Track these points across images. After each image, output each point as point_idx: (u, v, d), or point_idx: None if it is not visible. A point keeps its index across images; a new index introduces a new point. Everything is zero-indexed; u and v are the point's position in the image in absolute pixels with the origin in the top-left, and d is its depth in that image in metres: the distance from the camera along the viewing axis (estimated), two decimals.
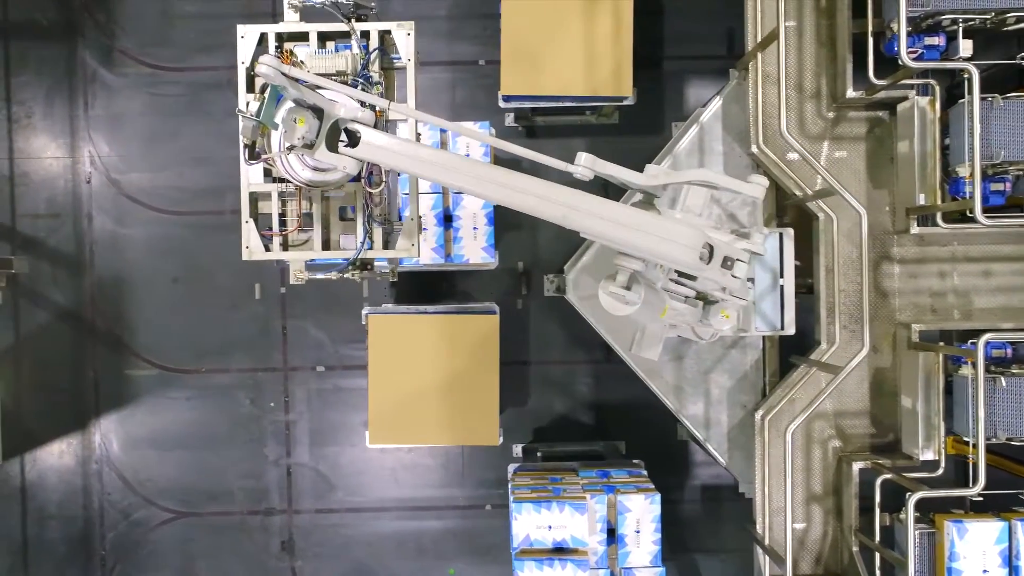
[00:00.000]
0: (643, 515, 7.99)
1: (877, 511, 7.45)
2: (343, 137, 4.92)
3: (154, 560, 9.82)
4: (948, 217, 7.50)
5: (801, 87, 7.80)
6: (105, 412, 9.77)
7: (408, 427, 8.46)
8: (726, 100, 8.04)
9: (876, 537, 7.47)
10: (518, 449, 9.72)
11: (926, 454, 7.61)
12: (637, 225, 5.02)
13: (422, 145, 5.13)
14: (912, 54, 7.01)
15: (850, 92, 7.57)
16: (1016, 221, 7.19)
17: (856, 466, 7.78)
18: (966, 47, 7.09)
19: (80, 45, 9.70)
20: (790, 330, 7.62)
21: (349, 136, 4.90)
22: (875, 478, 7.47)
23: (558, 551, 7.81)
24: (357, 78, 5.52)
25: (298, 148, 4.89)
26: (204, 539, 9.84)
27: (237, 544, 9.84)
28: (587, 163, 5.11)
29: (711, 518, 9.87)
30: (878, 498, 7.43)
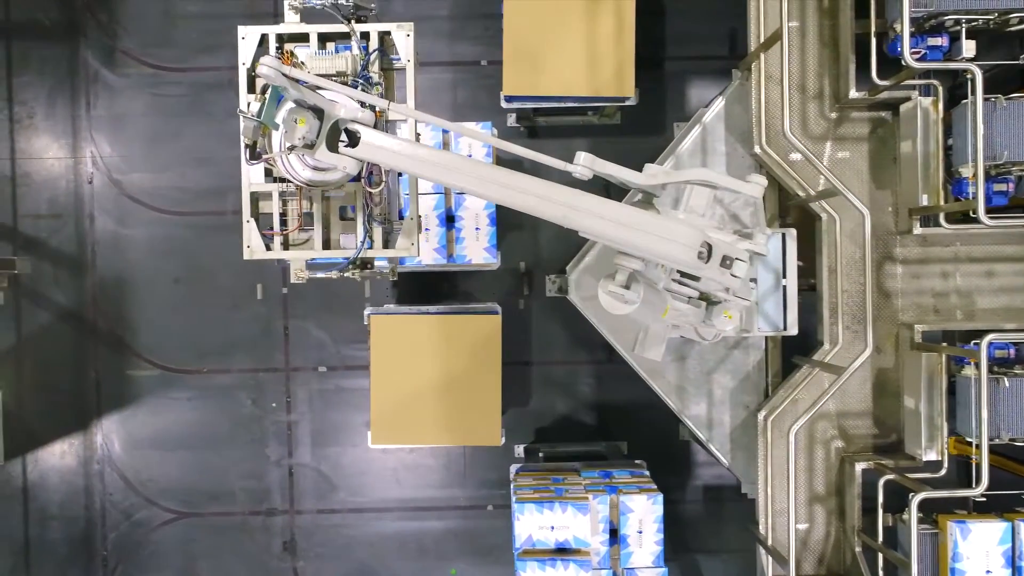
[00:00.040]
0: (645, 515, 7.99)
1: (880, 511, 7.45)
2: (343, 137, 4.95)
3: (156, 561, 9.82)
4: (951, 218, 7.49)
5: (804, 87, 7.80)
6: (107, 412, 9.77)
7: (410, 427, 8.45)
8: (729, 101, 8.04)
9: (879, 538, 7.47)
10: (520, 449, 9.72)
11: (929, 455, 7.60)
12: (635, 224, 5.03)
13: (421, 145, 5.14)
14: (915, 55, 6.99)
15: (853, 92, 7.55)
16: (1019, 222, 7.16)
17: (859, 467, 7.77)
18: (969, 48, 7.08)
19: (82, 45, 9.71)
20: (793, 331, 7.63)
21: (349, 136, 4.94)
22: (878, 479, 7.47)
23: (560, 551, 7.81)
24: (357, 79, 5.54)
25: (299, 148, 4.94)
26: (206, 539, 9.84)
27: (239, 545, 9.84)
28: (586, 162, 5.13)
29: (713, 518, 9.86)
30: (881, 498, 7.43)
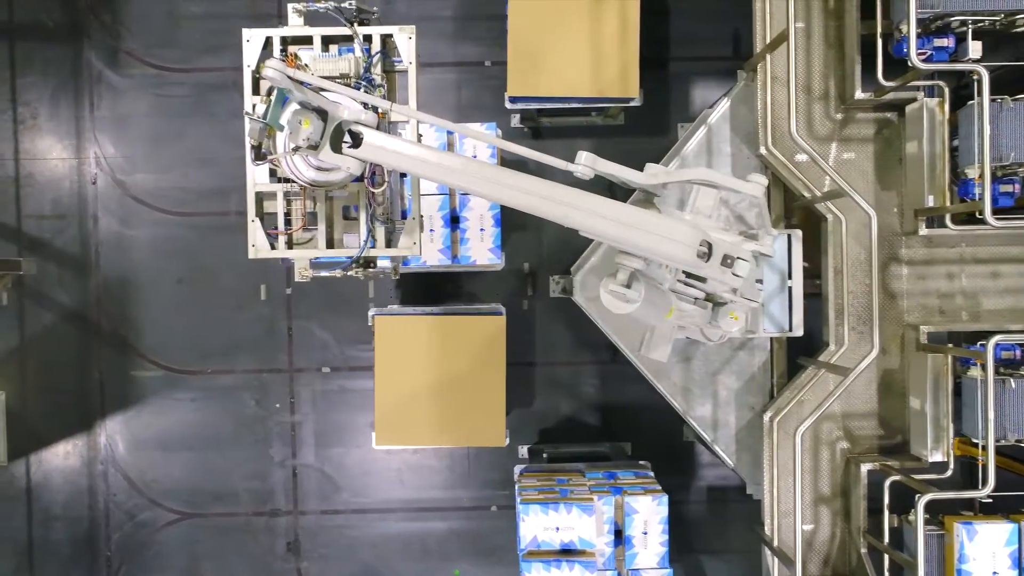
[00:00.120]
0: (650, 516, 7.98)
1: (886, 513, 7.44)
2: (347, 138, 4.99)
3: (159, 561, 9.82)
4: (956, 219, 7.46)
5: (809, 88, 7.78)
6: (110, 413, 9.78)
7: (414, 428, 8.44)
8: (734, 101, 8.02)
9: (885, 539, 7.46)
10: (524, 450, 9.72)
11: (935, 456, 7.58)
12: (635, 223, 5.04)
13: (423, 146, 5.16)
14: (921, 56, 6.97)
15: (859, 93, 7.53)
16: None
17: (864, 468, 7.75)
18: (975, 49, 7.05)
19: (86, 46, 9.71)
20: (798, 332, 7.62)
21: (352, 137, 4.98)
22: (883, 480, 7.47)
23: (565, 552, 7.80)
24: (360, 81, 5.57)
25: (303, 149, 4.98)
26: (209, 540, 9.84)
27: (242, 545, 9.84)
28: (587, 162, 5.17)
29: (718, 519, 9.85)
30: (887, 499, 7.43)
